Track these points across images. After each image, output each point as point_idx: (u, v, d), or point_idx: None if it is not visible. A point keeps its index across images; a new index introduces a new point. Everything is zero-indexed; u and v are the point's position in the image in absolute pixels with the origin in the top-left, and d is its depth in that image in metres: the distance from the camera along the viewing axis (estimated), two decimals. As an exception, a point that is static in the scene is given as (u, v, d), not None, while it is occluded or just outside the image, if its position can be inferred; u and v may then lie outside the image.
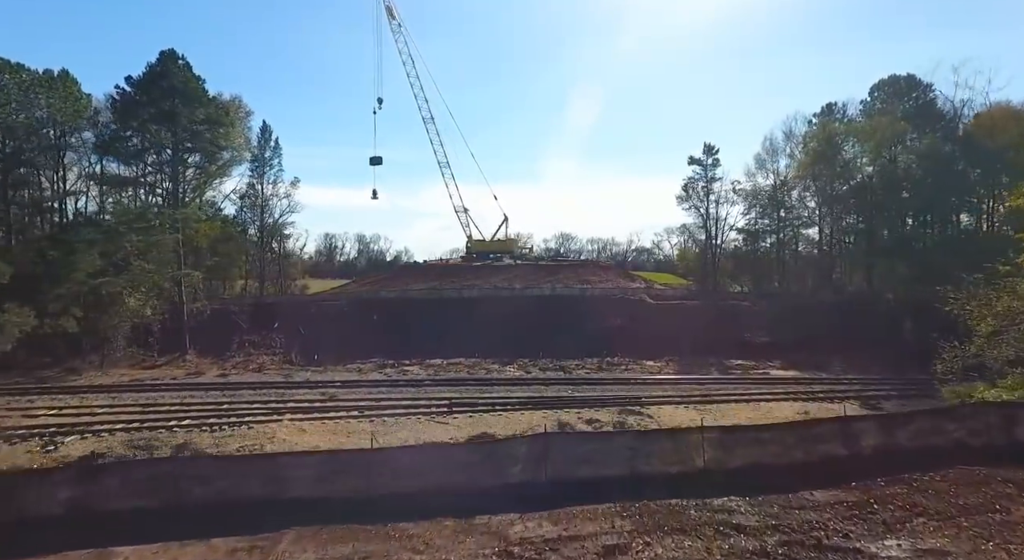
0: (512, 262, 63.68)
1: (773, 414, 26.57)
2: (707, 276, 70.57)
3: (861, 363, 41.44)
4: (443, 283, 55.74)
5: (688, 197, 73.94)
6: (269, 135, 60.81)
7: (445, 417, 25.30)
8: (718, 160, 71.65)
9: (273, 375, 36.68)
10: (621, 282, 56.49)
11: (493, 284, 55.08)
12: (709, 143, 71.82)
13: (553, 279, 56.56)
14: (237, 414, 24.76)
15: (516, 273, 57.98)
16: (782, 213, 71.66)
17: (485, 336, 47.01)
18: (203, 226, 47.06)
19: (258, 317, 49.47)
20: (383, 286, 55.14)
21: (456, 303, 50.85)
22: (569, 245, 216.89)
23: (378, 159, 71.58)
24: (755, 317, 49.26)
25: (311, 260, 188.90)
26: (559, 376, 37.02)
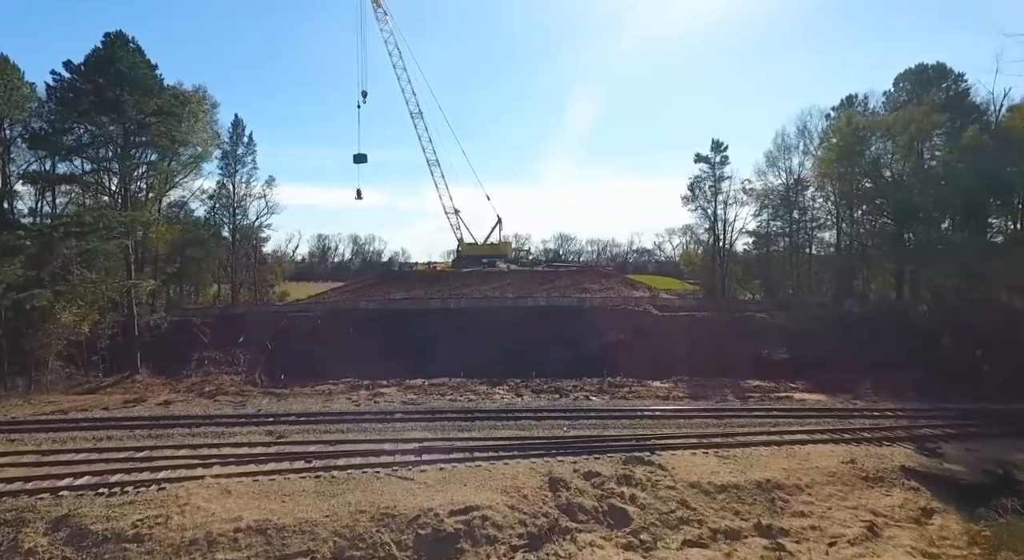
0: (505, 268, 58.90)
1: (812, 462, 21.83)
2: (715, 282, 65.87)
3: (894, 386, 36.78)
4: (429, 292, 50.96)
5: (694, 197, 69.24)
6: (242, 130, 56.21)
7: (411, 469, 20.53)
8: (727, 158, 66.99)
9: (223, 404, 31.89)
10: (623, 290, 51.77)
11: (483, 293, 50.31)
12: (717, 139, 67.14)
13: (549, 287, 51.80)
14: (153, 467, 20.00)
15: (509, 281, 53.21)
16: (795, 214, 67.13)
17: (473, 352, 42.34)
18: (160, 230, 42.20)
19: (223, 330, 44.70)
20: (363, 295, 50.38)
21: (442, 315, 46.10)
22: (568, 246, 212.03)
23: (362, 157, 66.87)
24: (772, 330, 44.49)
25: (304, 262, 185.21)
26: (553, 404, 32.25)
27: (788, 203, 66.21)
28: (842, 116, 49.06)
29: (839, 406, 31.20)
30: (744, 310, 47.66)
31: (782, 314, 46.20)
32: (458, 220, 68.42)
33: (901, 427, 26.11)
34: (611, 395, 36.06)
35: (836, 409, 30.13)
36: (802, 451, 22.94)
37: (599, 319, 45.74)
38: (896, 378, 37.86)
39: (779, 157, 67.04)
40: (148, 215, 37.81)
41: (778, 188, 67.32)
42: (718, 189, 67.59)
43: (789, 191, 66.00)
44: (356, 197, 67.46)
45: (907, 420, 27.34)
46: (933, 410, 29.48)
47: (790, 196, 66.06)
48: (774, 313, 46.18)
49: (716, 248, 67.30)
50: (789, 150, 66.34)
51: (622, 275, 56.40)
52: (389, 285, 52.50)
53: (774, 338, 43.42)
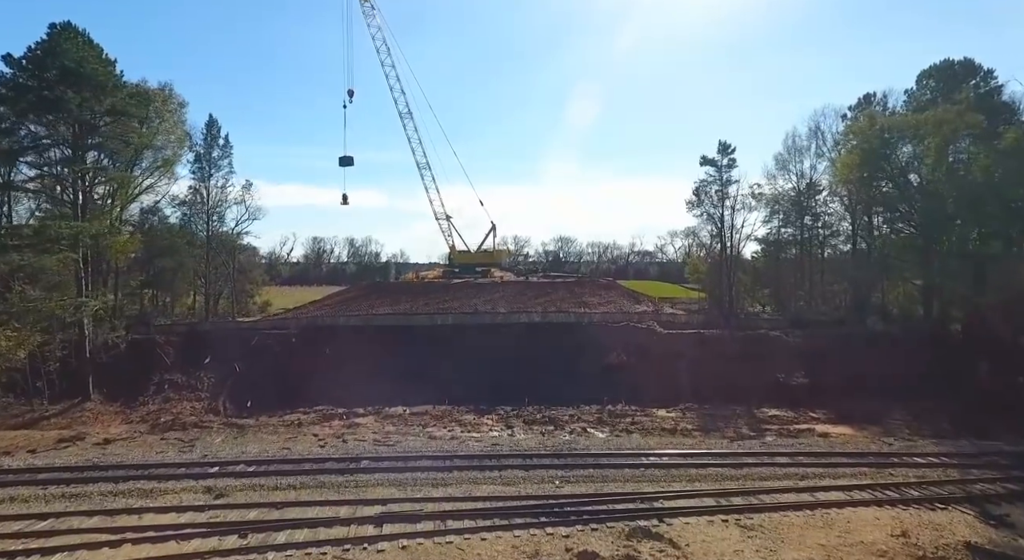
0: (498, 278, 55.08)
1: (855, 535, 18.00)
2: (723, 293, 62.02)
3: (930, 418, 33.03)
4: (415, 305, 47.18)
5: (700, 202, 65.29)
6: (216, 131, 52.43)
7: (367, 548, 16.74)
8: (734, 161, 63.00)
9: (171, 443, 28.08)
10: (625, 304, 47.97)
11: (474, 307, 46.52)
12: (724, 141, 63.26)
13: (545, 300, 47.99)
14: (46, 548, 16.22)
15: (501, 294, 49.43)
16: (807, 220, 63.31)
17: (461, 374, 38.63)
18: (119, 242, 38.49)
19: (189, 349, 40.94)
20: (345, 309, 46.63)
21: (428, 332, 42.32)
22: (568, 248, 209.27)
23: (348, 159, 63.16)
24: (788, 351, 40.65)
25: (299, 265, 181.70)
26: (546, 443, 28.42)
27: (800, 208, 62.45)
28: (864, 116, 45.21)
29: (872, 448, 27.29)
30: (756, 327, 43.82)
31: (799, 332, 42.35)
32: (450, 226, 64.75)
33: (952, 481, 22.23)
34: (612, 427, 32.30)
35: (871, 453, 26.23)
36: (841, 517, 19.10)
37: (599, 337, 41.94)
38: (929, 408, 34.12)
39: (789, 160, 63.34)
40: (98, 226, 33.96)
41: (789, 193, 63.65)
42: (725, 194, 63.68)
43: (801, 196, 62.26)
44: (342, 202, 63.93)
45: (957, 471, 23.46)
46: (983, 455, 25.62)
47: (802, 201, 62.33)
48: (790, 331, 42.32)
49: (723, 256, 63.51)
50: (800, 152, 62.66)
51: (623, 287, 52.58)
52: (374, 298, 48.77)
53: (791, 359, 39.58)
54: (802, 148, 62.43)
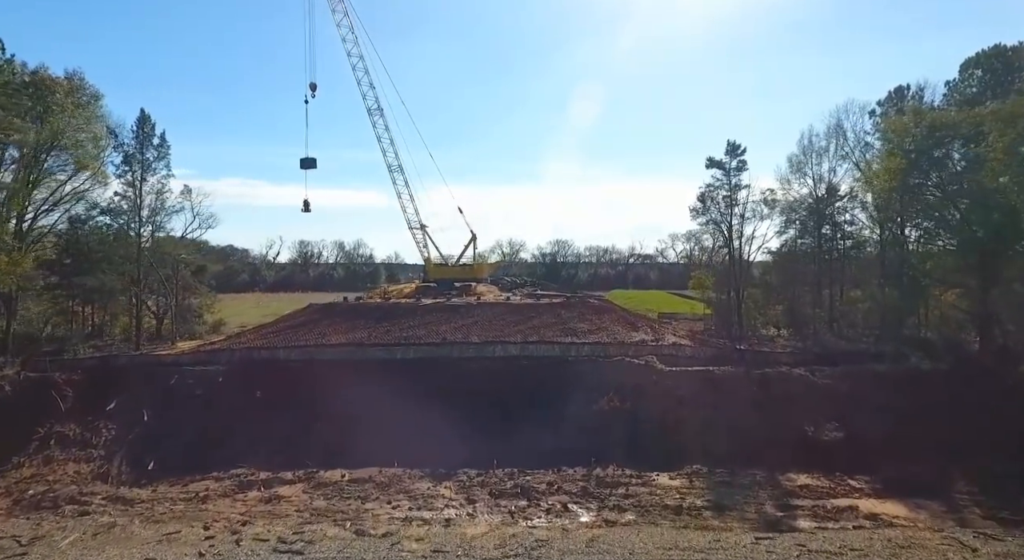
0: (474, 299, 48.00)
1: None
2: (731, 312, 55.10)
3: (1000, 488, 26.11)
4: (374, 333, 40.17)
5: (706, 209, 58.58)
6: (150, 128, 45.52)
7: None
8: (744, 163, 56.45)
9: (6, 544, 21.07)
10: (620, 332, 41.00)
11: (442, 335, 39.50)
12: (733, 141, 56.53)
13: (526, 327, 40.98)
14: None
15: (476, 318, 42.47)
16: (826, 231, 56.44)
17: (420, 424, 31.67)
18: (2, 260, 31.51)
19: (93, 390, 33.97)
20: (291, 337, 39.66)
21: (384, 369, 35.36)
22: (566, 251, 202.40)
23: (310, 161, 56.30)
24: (816, 394, 33.66)
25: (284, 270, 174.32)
26: (509, 537, 21.43)
27: (818, 217, 55.60)
28: (909, 112, 38.20)
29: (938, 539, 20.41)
30: (776, 362, 36.86)
31: (827, 369, 35.37)
32: (424, 236, 57.87)
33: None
34: (600, 502, 25.58)
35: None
36: None
37: (587, 375, 34.98)
38: (997, 474, 27.16)
39: (805, 162, 56.54)
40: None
41: (806, 199, 56.78)
42: (734, 200, 56.91)
43: (819, 203, 55.39)
44: (303, 209, 56.98)
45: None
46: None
47: (820, 208, 55.45)
48: (816, 369, 35.33)
49: (732, 270, 56.59)
50: (819, 154, 55.89)
51: (617, 309, 45.61)
52: (327, 323, 41.84)
53: (820, 406, 32.59)
54: (820, 149, 55.71)
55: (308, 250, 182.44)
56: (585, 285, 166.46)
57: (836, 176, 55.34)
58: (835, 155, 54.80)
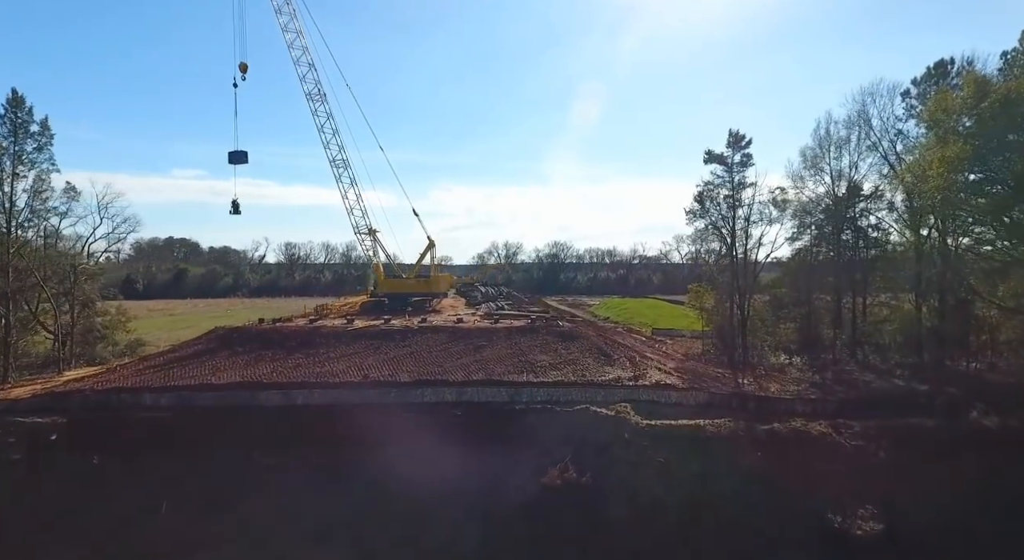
0: (417, 321, 39.41)
1: None
2: (733, 335, 46.48)
3: None
4: (279, 366, 31.83)
5: (704, 210, 49.85)
6: (27, 114, 37.58)
7: None
8: (750, 157, 47.77)
9: None
10: (590, 366, 32.38)
11: (364, 371, 31.09)
12: (737, 131, 47.90)
13: (473, 359, 32.43)
14: None
15: (415, 347, 34.06)
16: (847, 237, 47.68)
17: (304, 505, 23.57)
18: None
19: None
20: (174, 374, 31.41)
21: (278, 418, 27.15)
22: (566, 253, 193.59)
23: (240, 155, 48.12)
24: (843, 461, 25.12)
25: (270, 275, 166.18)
26: None
27: (837, 220, 46.85)
28: (968, 82, 29.20)
29: None
30: (789, 413, 28.27)
31: (854, 425, 26.77)
32: (374, 244, 49.52)
33: None
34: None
35: None
36: None
37: (538, 430, 26.61)
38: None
39: (822, 156, 47.78)
40: None
41: (822, 199, 48.06)
42: (737, 200, 48.28)
43: (839, 203, 46.62)
44: (232, 210, 48.80)
45: None
46: None
47: (839, 210, 46.69)
48: (842, 424, 26.74)
49: (735, 284, 47.98)
50: (838, 146, 47.13)
51: (592, 336, 36.98)
52: (226, 353, 33.65)
53: (851, 481, 23.99)
54: (840, 140, 46.94)
55: (295, 252, 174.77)
56: (583, 290, 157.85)
57: (858, 172, 46.63)
58: (858, 147, 46.07)
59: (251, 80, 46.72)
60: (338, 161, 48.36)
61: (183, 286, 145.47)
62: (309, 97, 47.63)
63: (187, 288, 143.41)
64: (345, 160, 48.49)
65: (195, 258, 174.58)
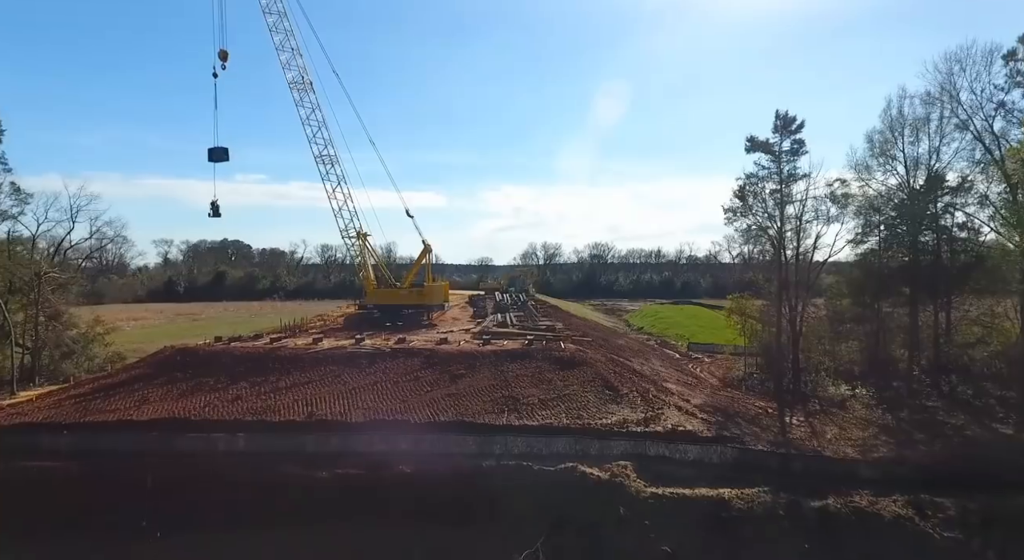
0: (389, 344, 33.35)
1: None
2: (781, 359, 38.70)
3: None
4: (219, 399, 26.68)
5: (747, 208, 42.27)
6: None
7: None
8: (801, 144, 40.06)
9: None
10: (590, 402, 25.51)
11: (311, 408, 25.52)
12: (786, 112, 40.21)
13: (445, 394, 26.25)
14: None
15: (380, 377, 28.06)
16: (926, 238, 39.03)
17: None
18: None
19: None
20: (97, 405, 26.71)
21: (184, 472, 21.82)
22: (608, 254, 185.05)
23: (221, 152, 43.59)
24: (923, 551, 17.63)
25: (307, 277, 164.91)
26: None
27: (913, 217, 38.34)
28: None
29: None
30: (850, 481, 20.87)
31: (949, 506, 19.14)
32: (363, 249, 44.06)
33: None
34: None
35: None
36: None
37: (508, 500, 20.21)
38: None
39: (893, 140, 39.46)
40: None
41: (894, 193, 39.59)
42: (787, 195, 40.44)
43: (916, 198, 38.08)
44: (211, 213, 44.34)
45: None
46: None
47: (915, 207, 38.16)
48: (930, 503, 19.19)
49: (783, 294, 40.15)
50: (914, 128, 38.67)
51: (598, 363, 30.05)
52: (163, 380, 28.66)
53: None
54: (917, 121, 38.51)
55: (331, 255, 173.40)
56: (625, 293, 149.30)
57: (940, 159, 38.07)
58: (940, 128, 37.55)
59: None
60: (324, 157, 43.30)
61: (222, 288, 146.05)
62: (291, 87, 42.79)
63: (226, 290, 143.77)
64: (332, 156, 43.42)
65: (247, 260, 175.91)
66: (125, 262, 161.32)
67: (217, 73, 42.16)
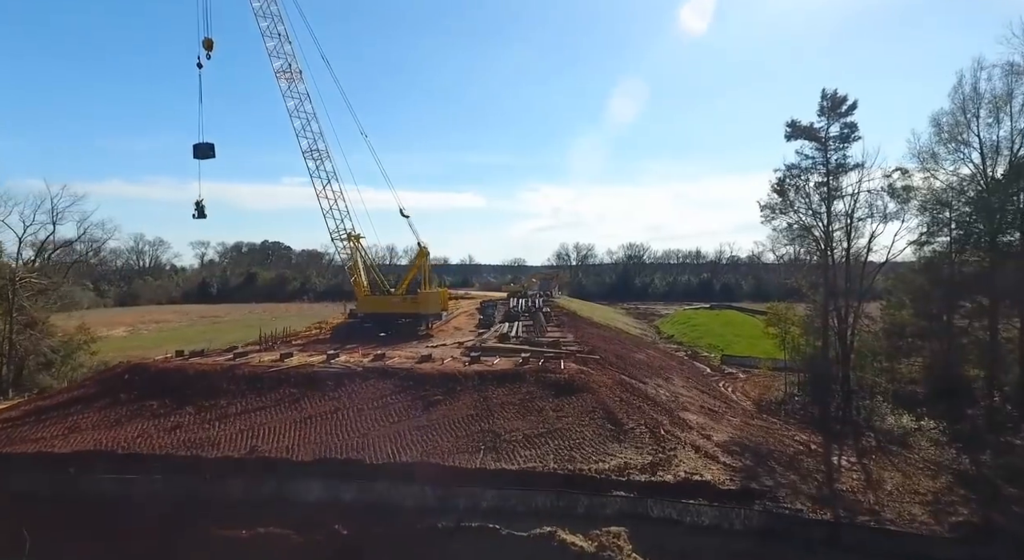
0: (361, 363, 28.96)
1: None
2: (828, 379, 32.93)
3: None
4: (156, 427, 23.10)
5: (787, 204, 36.73)
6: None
7: None
8: (853, 128, 34.69)
9: None
10: (586, 439, 20.55)
11: (253, 444, 21.56)
12: (834, 91, 34.77)
13: (412, 426, 21.37)
14: None
15: (342, 402, 23.79)
16: (1010, 237, 32.62)
17: None
18: None
19: None
20: (17, 433, 23.47)
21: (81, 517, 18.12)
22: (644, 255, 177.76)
23: (207, 148, 40.42)
24: None
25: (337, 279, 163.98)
26: None
27: (989, 213, 31.99)
28: None
29: None
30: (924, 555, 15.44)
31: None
32: (354, 253, 40.29)
33: None
34: None
35: None
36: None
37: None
38: None
39: (965, 123, 33.26)
40: None
41: (967, 185, 33.29)
42: (835, 188, 34.69)
43: (995, 191, 31.75)
44: (195, 213, 41.17)
45: None
46: None
47: (996, 200, 31.80)
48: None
49: (829, 304, 34.34)
50: (993, 106, 32.50)
51: (603, 389, 25.02)
52: (104, 402, 25.14)
53: None
54: (996, 98, 32.36)
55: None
56: (661, 295, 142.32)
57: (1021, 142, 31.74)
58: (1023, 106, 31.26)
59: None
60: (314, 152, 39.71)
61: (254, 290, 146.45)
62: (278, 76, 39.33)
63: (257, 292, 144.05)
64: (322, 151, 39.80)
65: (284, 261, 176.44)
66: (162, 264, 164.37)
67: (202, 63, 39.02)
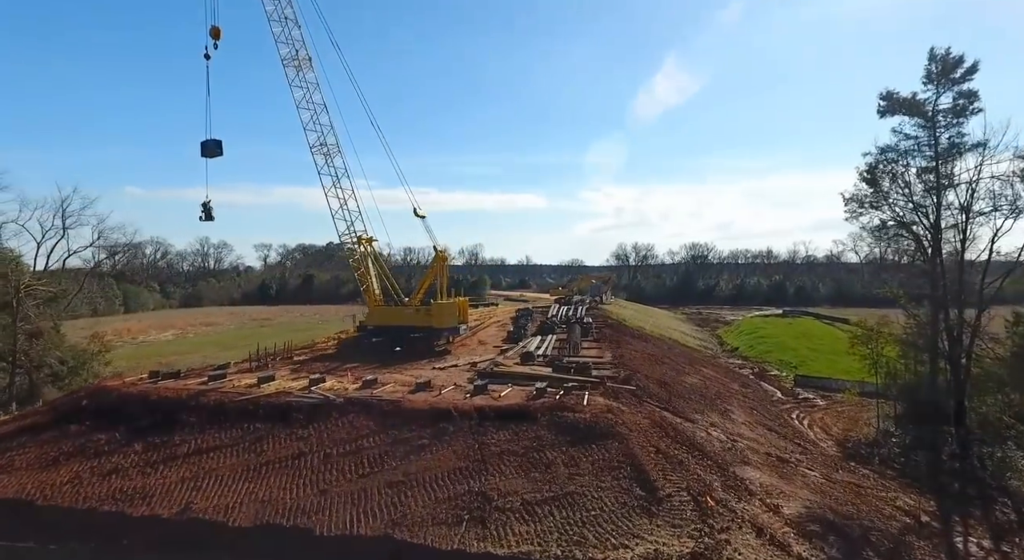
0: (348, 387, 24.13)
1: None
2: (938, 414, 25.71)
3: None
4: (85, 469, 19.42)
5: (881, 196, 29.60)
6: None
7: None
8: (973, 97, 27.41)
9: None
10: (605, 515, 15.42)
11: (189, 502, 17.35)
12: (947, 50, 27.57)
13: (383, 483, 16.55)
14: None
15: (313, 441, 18.82)
16: None
17: None
18: None
19: None
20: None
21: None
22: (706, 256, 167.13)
23: (215, 146, 37.41)
24: None
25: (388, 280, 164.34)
26: None
27: None
28: None
29: None
30: None
31: None
32: (365, 257, 36.07)
33: None
34: None
35: None
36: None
37: None
38: None
39: None
40: None
41: None
42: (946, 175, 27.36)
43: None
44: (202, 215, 38.25)
45: None
46: None
47: None
48: None
49: (938, 318, 27.01)
50: None
51: (631, 440, 19.38)
52: (51, 434, 21.47)
53: None
54: None
55: (413, 256, 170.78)
56: (727, 299, 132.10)
57: None
58: None
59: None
60: (320, 146, 35.85)
61: (310, 291, 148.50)
62: (285, 63, 35.72)
63: (314, 293, 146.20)
64: (333, 147, 35.89)
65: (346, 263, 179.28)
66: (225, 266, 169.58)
67: (209, 54, 36.06)
